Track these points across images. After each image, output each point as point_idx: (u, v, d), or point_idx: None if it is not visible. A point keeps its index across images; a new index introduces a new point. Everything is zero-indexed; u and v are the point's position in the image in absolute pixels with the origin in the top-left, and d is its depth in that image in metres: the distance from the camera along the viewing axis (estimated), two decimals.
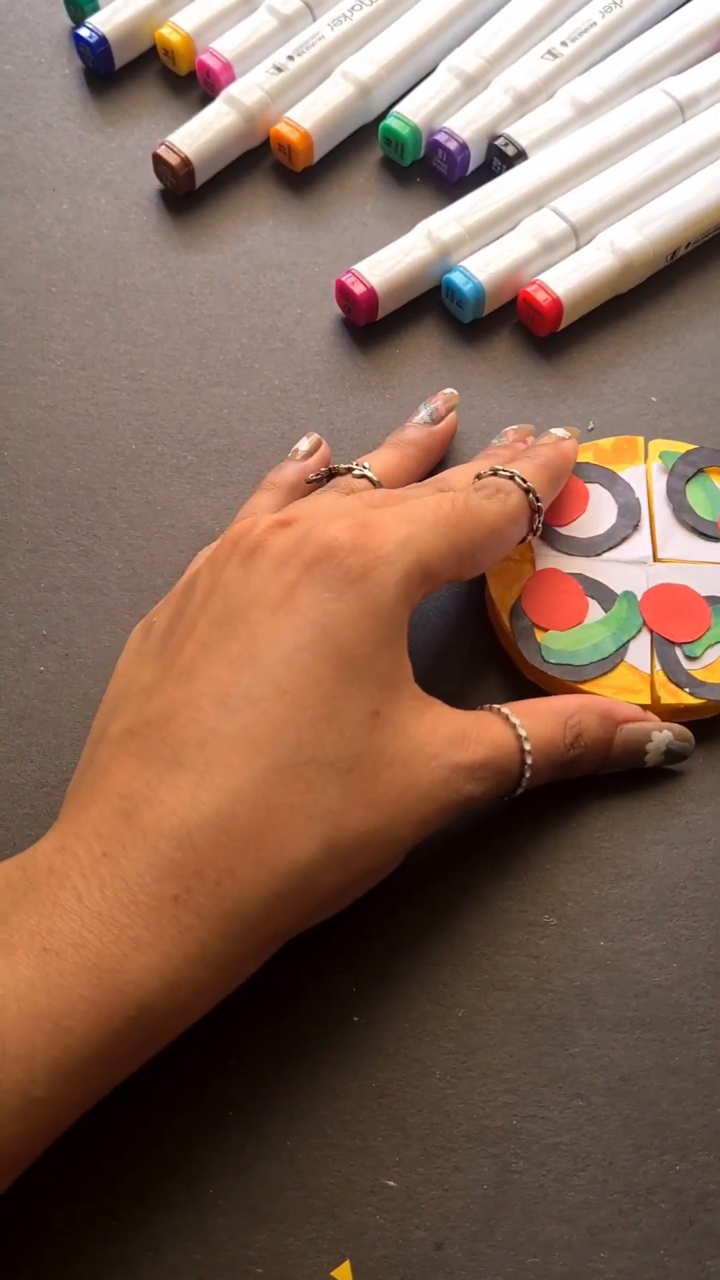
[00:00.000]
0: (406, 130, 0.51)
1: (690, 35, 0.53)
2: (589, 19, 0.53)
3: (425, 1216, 0.34)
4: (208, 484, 0.46)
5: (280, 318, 0.49)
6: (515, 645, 0.41)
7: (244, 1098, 0.36)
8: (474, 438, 0.47)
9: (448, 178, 0.52)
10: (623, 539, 0.43)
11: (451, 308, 0.49)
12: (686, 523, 0.43)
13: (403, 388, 0.48)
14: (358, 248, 0.50)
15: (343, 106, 0.52)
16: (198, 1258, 0.34)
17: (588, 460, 0.45)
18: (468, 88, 0.52)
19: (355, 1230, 0.34)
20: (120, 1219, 0.34)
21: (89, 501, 0.45)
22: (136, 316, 0.49)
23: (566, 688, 0.41)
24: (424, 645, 0.43)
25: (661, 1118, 0.36)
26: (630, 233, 0.48)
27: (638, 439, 0.45)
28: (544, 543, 0.43)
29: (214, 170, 0.52)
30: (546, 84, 0.52)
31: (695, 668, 0.41)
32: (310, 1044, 0.36)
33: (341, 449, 0.46)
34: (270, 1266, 0.34)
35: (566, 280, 0.48)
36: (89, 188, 0.52)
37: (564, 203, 0.49)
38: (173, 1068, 0.36)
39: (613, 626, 0.41)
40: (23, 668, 0.42)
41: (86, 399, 0.47)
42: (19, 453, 0.46)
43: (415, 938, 0.38)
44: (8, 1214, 0.34)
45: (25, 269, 0.50)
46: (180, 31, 0.53)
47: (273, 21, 0.53)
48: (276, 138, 0.52)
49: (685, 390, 0.48)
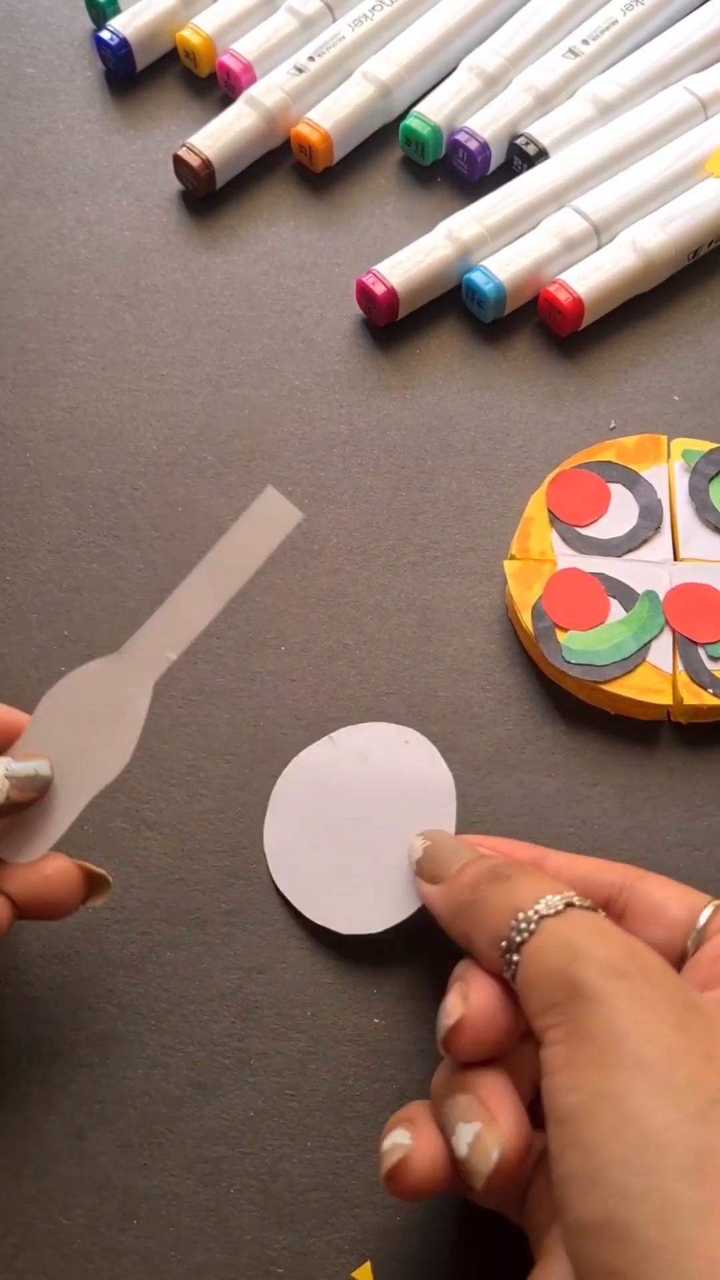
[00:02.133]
0: (427, 130, 0.51)
1: (712, 32, 0.52)
2: (610, 17, 0.53)
3: (446, 1217, 0.34)
4: (228, 484, 0.46)
5: (301, 318, 0.49)
6: (536, 645, 0.41)
7: (266, 1099, 0.36)
8: (495, 437, 0.46)
9: (468, 177, 0.52)
10: (644, 540, 0.43)
11: (472, 307, 0.49)
12: (709, 522, 0.43)
13: (424, 388, 0.48)
14: (379, 248, 0.50)
15: (363, 107, 0.52)
16: (220, 1258, 0.34)
17: (610, 459, 0.44)
18: (488, 87, 0.52)
19: (377, 1231, 0.34)
20: (144, 1219, 0.34)
21: (110, 502, 0.45)
22: (157, 318, 0.49)
23: (588, 688, 0.40)
24: (443, 648, 0.42)
25: None
26: (652, 231, 0.48)
27: (661, 437, 0.45)
28: (564, 543, 0.43)
29: (235, 171, 0.52)
30: (567, 83, 0.52)
31: (719, 668, 0.40)
32: (332, 1046, 0.36)
33: (362, 450, 0.46)
34: (292, 1267, 0.34)
35: (588, 279, 0.47)
36: (110, 190, 0.52)
37: (585, 202, 0.49)
38: (198, 1070, 0.36)
39: (634, 626, 0.41)
40: (45, 668, 0.42)
41: (108, 400, 0.47)
42: (41, 454, 0.46)
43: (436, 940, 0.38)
44: (33, 1215, 0.34)
45: (47, 271, 0.50)
46: (201, 33, 0.53)
47: (293, 22, 0.53)
48: (297, 138, 0.52)
49: (708, 389, 0.47)
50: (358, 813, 0.39)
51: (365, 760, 0.40)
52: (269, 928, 0.38)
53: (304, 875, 0.39)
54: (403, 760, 0.40)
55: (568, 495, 0.44)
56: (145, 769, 0.40)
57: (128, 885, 0.38)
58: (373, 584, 0.44)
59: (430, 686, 0.42)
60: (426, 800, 0.39)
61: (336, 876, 0.38)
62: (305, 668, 0.42)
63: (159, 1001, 0.37)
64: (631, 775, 0.40)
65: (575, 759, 0.41)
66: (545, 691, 0.42)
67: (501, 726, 0.41)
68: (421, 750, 0.40)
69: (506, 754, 0.41)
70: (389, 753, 0.40)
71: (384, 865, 0.38)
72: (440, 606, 0.43)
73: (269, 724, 0.41)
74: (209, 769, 0.41)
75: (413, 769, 0.40)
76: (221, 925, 0.38)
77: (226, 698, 0.42)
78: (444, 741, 0.41)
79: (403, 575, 0.44)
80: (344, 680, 0.42)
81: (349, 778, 0.40)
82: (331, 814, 0.39)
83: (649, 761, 0.41)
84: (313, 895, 0.38)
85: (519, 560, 0.43)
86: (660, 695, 0.40)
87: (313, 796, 0.40)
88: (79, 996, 0.37)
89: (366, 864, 0.38)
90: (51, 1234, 0.34)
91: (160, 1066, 0.36)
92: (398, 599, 0.43)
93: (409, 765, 0.40)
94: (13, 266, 0.50)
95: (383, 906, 0.38)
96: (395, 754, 0.40)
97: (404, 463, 0.46)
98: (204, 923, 0.38)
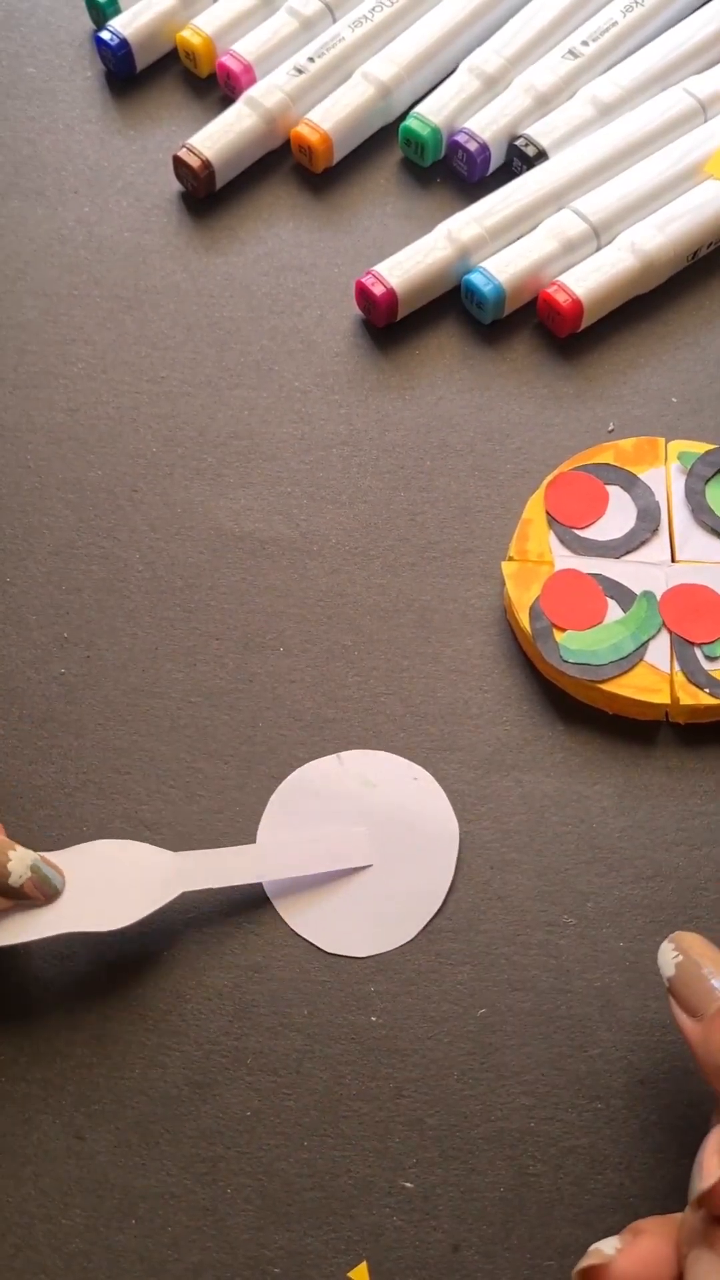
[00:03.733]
0: (427, 131, 0.51)
1: (712, 34, 0.52)
2: (610, 18, 0.53)
3: (442, 1218, 0.34)
4: (228, 486, 0.46)
5: (300, 319, 0.49)
6: (534, 645, 0.41)
7: (263, 1098, 0.36)
8: (494, 439, 0.47)
9: (468, 178, 0.52)
10: (642, 543, 0.43)
11: (471, 309, 0.49)
12: (705, 523, 0.43)
13: (422, 389, 0.48)
14: (378, 249, 0.50)
15: (363, 107, 0.52)
16: (217, 1257, 0.34)
17: (608, 461, 0.44)
18: (488, 88, 0.52)
19: (373, 1231, 0.34)
20: (142, 1219, 0.34)
21: (110, 504, 0.46)
22: (157, 319, 0.49)
23: (586, 687, 0.41)
24: (442, 648, 0.43)
25: (679, 1122, 0.35)
26: (651, 233, 0.48)
27: (659, 440, 0.45)
28: (562, 545, 0.43)
29: (234, 172, 0.52)
30: (567, 84, 0.52)
31: (716, 668, 0.40)
32: (328, 1045, 0.37)
33: (361, 450, 0.46)
34: (288, 1266, 0.34)
35: (586, 281, 0.47)
36: (110, 190, 0.52)
37: (585, 203, 0.49)
38: (195, 1070, 0.36)
39: (632, 626, 0.41)
40: (44, 670, 0.42)
41: (108, 402, 0.48)
42: (41, 455, 0.46)
43: (434, 940, 0.38)
44: (31, 1215, 0.34)
45: (47, 272, 0.50)
46: (201, 34, 0.54)
47: (293, 23, 0.53)
48: (296, 139, 0.52)
49: (706, 391, 0.47)
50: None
51: (371, 787, 0.40)
52: (265, 927, 0.38)
53: (293, 884, 0.39)
54: (409, 794, 0.40)
55: (566, 497, 0.44)
56: (143, 769, 0.41)
57: None
58: (371, 585, 0.44)
59: (428, 687, 0.42)
60: (428, 840, 0.39)
61: (327, 893, 0.38)
62: (303, 668, 0.42)
63: (156, 1001, 0.37)
64: (630, 775, 0.40)
65: (573, 759, 0.41)
66: (543, 692, 0.42)
67: (500, 726, 0.41)
68: (429, 790, 0.40)
69: (505, 754, 0.41)
70: (396, 785, 0.40)
71: (376, 892, 0.38)
72: (439, 607, 0.43)
73: (267, 725, 0.41)
74: (207, 770, 0.41)
75: (418, 805, 0.40)
76: (218, 924, 0.38)
77: (224, 699, 0.42)
78: (442, 741, 0.41)
79: (401, 576, 0.44)
80: (342, 681, 0.42)
81: (352, 797, 0.40)
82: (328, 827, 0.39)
83: (647, 761, 0.41)
84: (300, 906, 0.38)
85: (516, 562, 0.43)
86: (658, 694, 0.40)
87: (312, 807, 0.40)
88: (77, 997, 0.37)
89: (358, 887, 0.39)
90: (50, 1233, 0.34)
91: (158, 1066, 0.36)
92: (396, 600, 0.44)
93: (414, 800, 0.40)
94: (12, 267, 0.50)
95: (370, 934, 0.38)
96: (403, 787, 0.40)
97: (403, 463, 0.46)
98: (201, 922, 0.38)
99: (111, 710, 0.41)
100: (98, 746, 0.41)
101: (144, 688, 0.42)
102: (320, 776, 0.40)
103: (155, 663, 0.42)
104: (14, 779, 0.40)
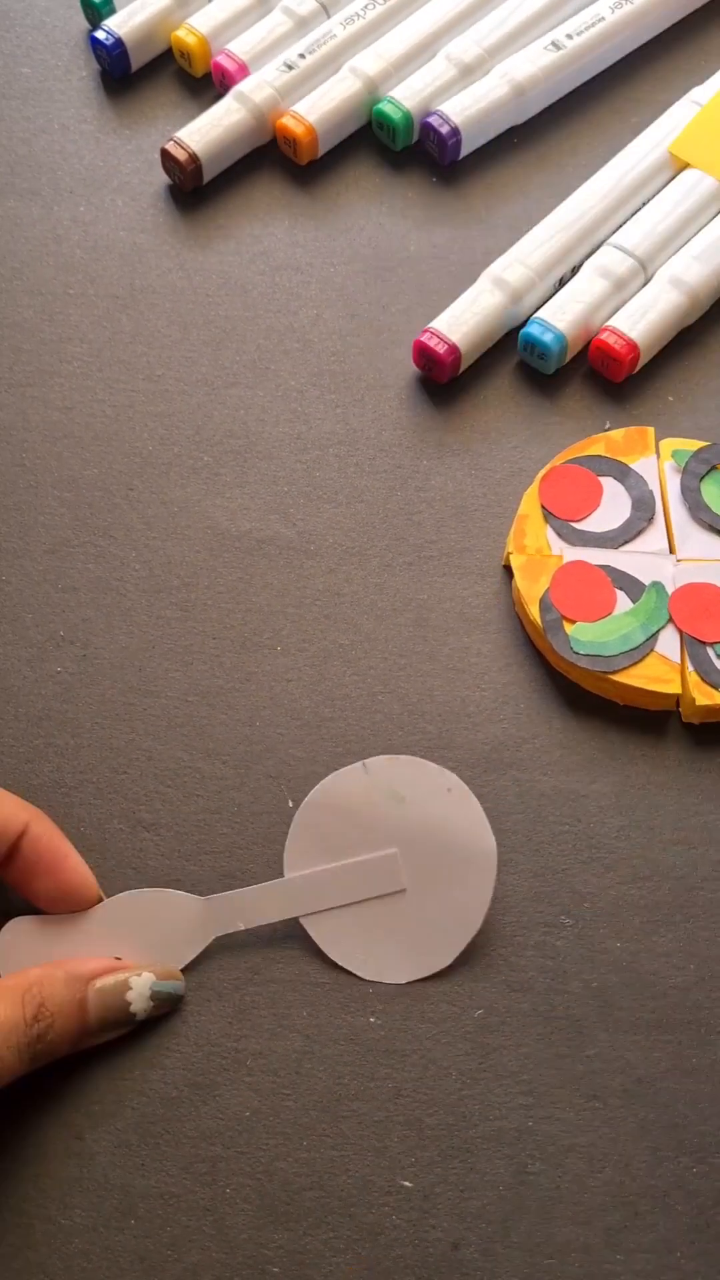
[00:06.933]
0: (399, 115, 0.51)
1: None
2: (597, 14, 0.53)
3: (442, 1217, 0.34)
4: (224, 484, 0.46)
5: (296, 318, 0.49)
6: (544, 637, 0.41)
7: (262, 1099, 0.36)
8: (490, 437, 0.46)
9: (439, 161, 0.52)
10: (638, 532, 0.43)
11: (533, 361, 0.48)
12: (703, 520, 0.43)
13: (421, 388, 0.48)
14: (372, 247, 0.50)
15: (349, 100, 0.52)
16: (216, 1257, 0.34)
17: (599, 453, 0.45)
18: (464, 76, 0.52)
19: (372, 1231, 0.34)
20: (141, 1219, 0.34)
21: (106, 502, 0.45)
22: (153, 318, 0.49)
23: (597, 679, 0.41)
24: (439, 647, 0.43)
25: (678, 1120, 0.35)
26: (689, 263, 0.47)
27: (648, 429, 0.45)
28: (560, 538, 0.43)
29: (222, 166, 0.52)
30: (547, 75, 0.52)
31: None
32: (327, 1045, 0.37)
33: (358, 449, 0.46)
34: (287, 1266, 0.34)
35: (639, 325, 0.46)
36: (105, 190, 0.52)
37: (624, 237, 0.48)
38: (194, 1071, 0.36)
39: (641, 617, 0.41)
40: (40, 668, 0.42)
41: (104, 400, 0.48)
42: (37, 454, 0.46)
43: None
44: (31, 1215, 0.34)
45: (42, 271, 0.50)
46: (196, 33, 0.53)
47: (288, 22, 0.53)
48: (281, 130, 0.52)
49: (701, 390, 0.47)
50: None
51: (401, 802, 0.38)
52: (264, 927, 0.38)
53: (327, 913, 0.38)
54: (442, 811, 0.38)
55: (560, 490, 0.44)
56: (141, 770, 0.41)
57: (125, 886, 0.39)
58: (368, 584, 0.44)
59: (426, 686, 0.42)
60: (466, 864, 0.37)
61: (362, 920, 0.38)
62: (301, 667, 0.42)
63: None
64: (628, 774, 0.40)
65: (572, 757, 0.41)
66: (542, 690, 0.42)
67: (498, 725, 0.41)
68: (463, 803, 0.38)
69: (502, 752, 0.41)
70: (429, 799, 0.38)
71: (412, 917, 0.37)
72: (436, 606, 0.43)
73: (265, 724, 0.41)
74: (205, 770, 0.41)
75: (452, 824, 0.38)
76: None
77: (222, 698, 0.42)
78: (440, 740, 0.41)
79: (398, 575, 0.44)
80: (340, 680, 0.42)
81: (381, 817, 0.38)
82: (359, 851, 0.38)
83: (646, 760, 0.41)
84: (336, 936, 0.38)
85: (523, 554, 0.43)
86: (669, 685, 0.40)
87: (340, 828, 0.38)
88: None
89: (394, 914, 0.38)
90: (50, 1234, 0.34)
91: (157, 1067, 0.36)
92: (393, 599, 0.44)
93: (448, 819, 0.38)
94: (8, 267, 0.50)
95: (409, 959, 0.37)
96: (436, 800, 0.38)
97: (399, 462, 0.46)
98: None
99: (108, 709, 0.41)
100: (94, 746, 0.41)
101: (140, 687, 0.42)
102: (346, 792, 0.39)
103: (152, 662, 0.42)
104: (10, 778, 0.40)
